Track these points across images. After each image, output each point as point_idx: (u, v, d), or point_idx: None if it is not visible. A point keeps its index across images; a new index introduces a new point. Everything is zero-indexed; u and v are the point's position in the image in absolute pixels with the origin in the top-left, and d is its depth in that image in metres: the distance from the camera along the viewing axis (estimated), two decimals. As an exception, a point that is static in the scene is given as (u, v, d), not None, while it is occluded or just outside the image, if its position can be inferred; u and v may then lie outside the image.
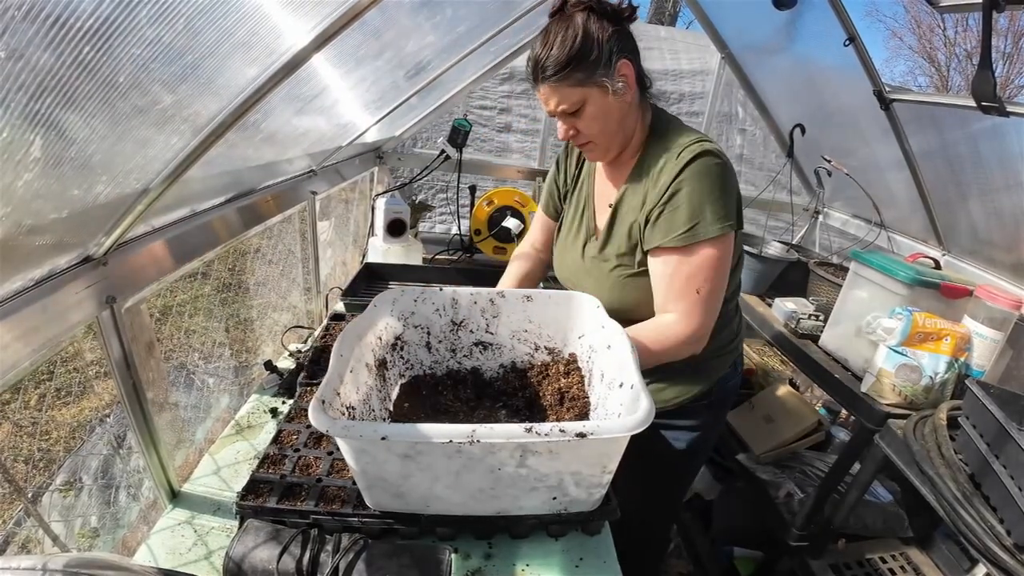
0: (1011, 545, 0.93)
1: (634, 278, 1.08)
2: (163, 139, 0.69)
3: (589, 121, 1.01)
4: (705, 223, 0.97)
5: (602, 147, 1.06)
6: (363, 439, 0.70)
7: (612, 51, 0.95)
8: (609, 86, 0.97)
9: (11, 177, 0.50)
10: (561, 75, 0.95)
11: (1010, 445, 0.97)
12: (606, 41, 0.95)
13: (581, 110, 0.99)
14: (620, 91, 0.98)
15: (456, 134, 2.16)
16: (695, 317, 1.01)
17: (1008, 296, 1.29)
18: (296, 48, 0.67)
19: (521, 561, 0.85)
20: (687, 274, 0.99)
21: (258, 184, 1.34)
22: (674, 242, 0.98)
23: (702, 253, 0.98)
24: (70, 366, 2.24)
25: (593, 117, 1.00)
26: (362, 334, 0.95)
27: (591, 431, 0.68)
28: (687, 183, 0.97)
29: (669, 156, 1.01)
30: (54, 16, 0.39)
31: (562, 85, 0.97)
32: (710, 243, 0.98)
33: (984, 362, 1.32)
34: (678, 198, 0.98)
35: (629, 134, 1.06)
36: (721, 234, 0.97)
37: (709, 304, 1.01)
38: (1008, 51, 10.97)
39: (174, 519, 0.90)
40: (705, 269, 0.99)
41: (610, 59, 0.95)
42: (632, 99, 1.01)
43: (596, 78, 0.96)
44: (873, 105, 1.76)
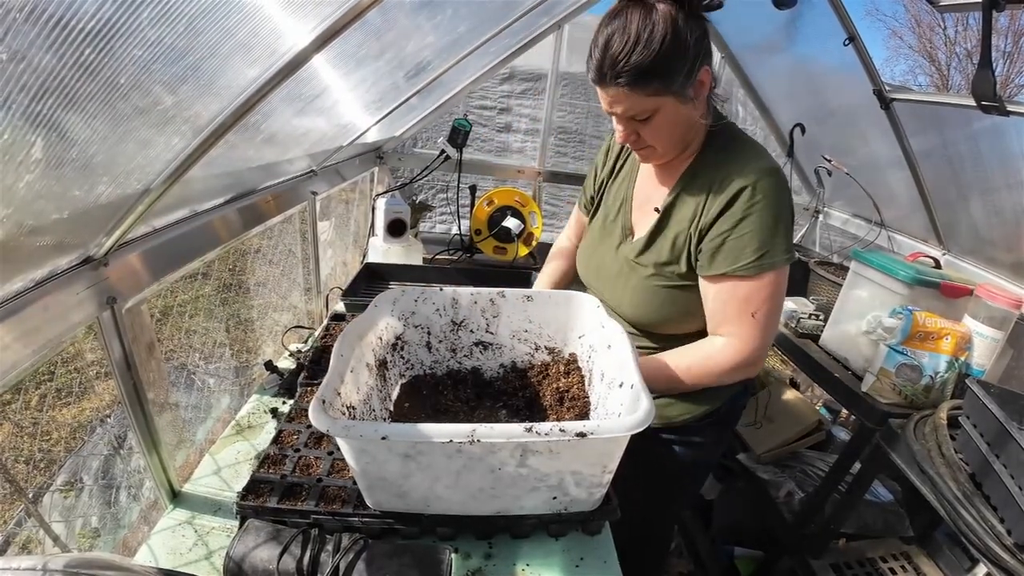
0: (1012, 545, 0.93)
1: (670, 290, 1.02)
2: (164, 140, 0.69)
3: (655, 129, 0.92)
4: (772, 254, 0.92)
5: (661, 153, 0.98)
6: (363, 439, 0.70)
7: (697, 57, 0.84)
8: (685, 96, 0.87)
9: (13, 178, 0.50)
10: (639, 83, 0.84)
11: (1011, 445, 0.97)
12: (693, 45, 0.83)
13: (651, 118, 0.90)
14: (693, 101, 0.89)
15: (456, 134, 2.16)
16: (749, 340, 0.96)
17: (1008, 295, 1.29)
18: (297, 49, 0.67)
19: (521, 561, 0.85)
20: (744, 297, 0.94)
21: (259, 184, 1.34)
22: (740, 271, 0.92)
23: (764, 280, 0.93)
24: (71, 366, 2.24)
25: (661, 126, 0.91)
26: (363, 334, 0.95)
27: (591, 431, 0.68)
28: (756, 209, 0.90)
29: (732, 171, 0.93)
30: (56, 18, 0.39)
31: (636, 92, 0.85)
32: (774, 272, 0.93)
33: (984, 361, 1.32)
34: (746, 224, 0.91)
35: (690, 141, 1.00)
36: (785, 264, 0.93)
37: (765, 328, 0.96)
38: (1008, 50, 10.97)
39: (175, 519, 0.90)
40: (764, 295, 0.94)
41: (694, 67, 0.85)
42: (704, 107, 0.94)
43: (676, 88, 0.85)
44: (873, 104, 1.76)
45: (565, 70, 2.40)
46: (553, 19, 2.07)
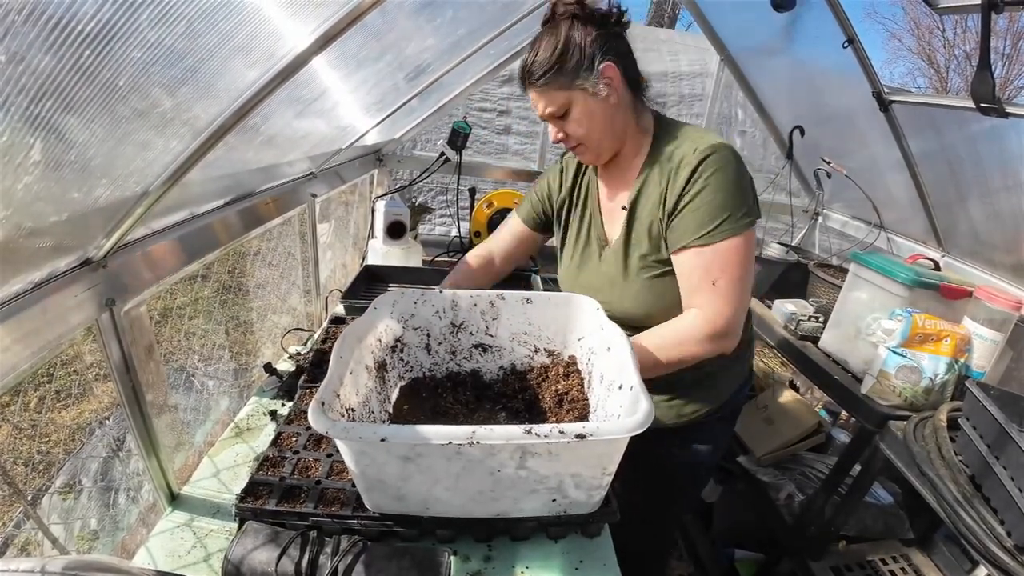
0: (1012, 547, 0.92)
1: (661, 279, 1.06)
2: (163, 142, 0.69)
3: (575, 124, 1.02)
4: (730, 220, 0.96)
5: (592, 149, 1.07)
6: (362, 441, 0.70)
7: (595, 55, 0.97)
8: (590, 89, 0.98)
9: (11, 180, 0.50)
10: (545, 79, 0.98)
11: (1010, 446, 0.97)
12: (588, 45, 0.97)
13: (567, 113, 1.02)
14: (603, 93, 0.99)
15: (456, 136, 2.16)
16: (714, 310, 0.98)
17: (1008, 297, 1.29)
18: (296, 51, 0.67)
19: (521, 563, 0.84)
20: (704, 266, 0.98)
21: (258, 187, 1.34)
22: (699, 241, 0.98)
23: (724, 246, 0.97)
24: (70, 368, 2.24)
25: (578, 120, 1.02)
26: (362, 336, 0.95)
27: (590, 432, 0.68)
28: (708, 180, 0.97)
29: (684, 152, 1.00)
30: (55, 19, 0.39)
31: (547, 89, 1.00)
32: (735, 237, 0.97)
33: (984, 363, 1.32)
34: (703, 195, 0.97)
35: (620, 135, 1.07)
36: (745, 229, 0.97)
37: (729, 296, 0.98)
38: (1007, 52, 10.99)
39: (173, 521, 0.90)
40: (724, 261, 0.97)
41: (592, 62, 0.97)
42: (618, 101, 1.02)
43: (578, 81, 0.98)
44: (872, 107, 1.77)
45: (564, 72, 2.40)
46: (553, 21, 2.06)
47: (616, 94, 1.01)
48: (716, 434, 1.23)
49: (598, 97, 0.99)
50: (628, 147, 1.09)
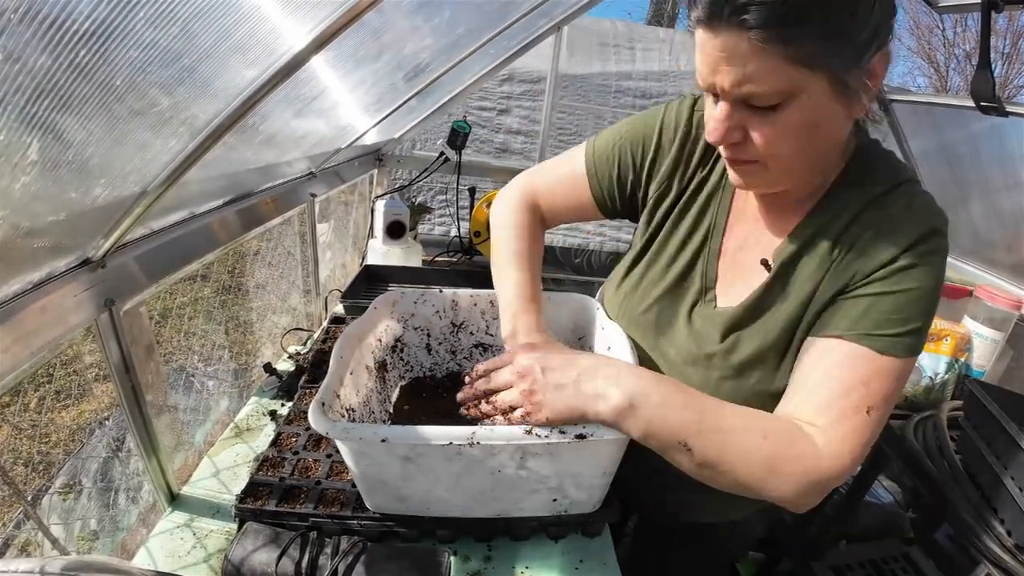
0: (1012, 546, 0.92)
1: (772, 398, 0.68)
2: (161, 142, 0.68)
3: (782, 130, 0.57)
4: (916, 336, 0.62)
5: (773, 176, 0.63)
6: (363, 441, 0.70)
7: (879, 29, 0.53)
8: (848, 85, 0.55)
9: (8, 180, 0.50)
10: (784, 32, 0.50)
11: (1011, 446, 0.97)
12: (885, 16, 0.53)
13: (779, 107, 0.56)
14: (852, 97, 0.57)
15: (455, 136, 2.16)
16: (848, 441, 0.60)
17: (1008, 296, 1.29)
18: (295, 50, 0.67)
19: (521, 563, 0.84)
20: (861, 379, 0.61)
21: (257, 186, 1.34)
22: (871, 343, 0.61)
23: (890, 368, 0.61)
24: (69, 369, 2.24)
25: (791, 126, 0.57)
26: (362, 336, 0.95)
27: (591, 432, 0.68)
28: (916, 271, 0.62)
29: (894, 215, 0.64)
30: (51, 18, 0.39)
31: (776, 47, 0.51)
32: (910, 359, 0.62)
33: (984, 362, 1.32)
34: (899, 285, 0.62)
35: (817, 170, 0.67)
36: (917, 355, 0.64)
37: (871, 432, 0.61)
38: (1007, 51, 10.99)
39: (173, 522, 0.90)
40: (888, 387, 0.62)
41: (871, 41, 0.53)
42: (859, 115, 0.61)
43: (836, 63, 0.53)
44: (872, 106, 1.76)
45: (564, 72, 2.41)
46: (552, 21, 2.07)
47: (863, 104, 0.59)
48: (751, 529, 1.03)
49: (845, 99, 0.57)
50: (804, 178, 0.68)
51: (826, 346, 0.64)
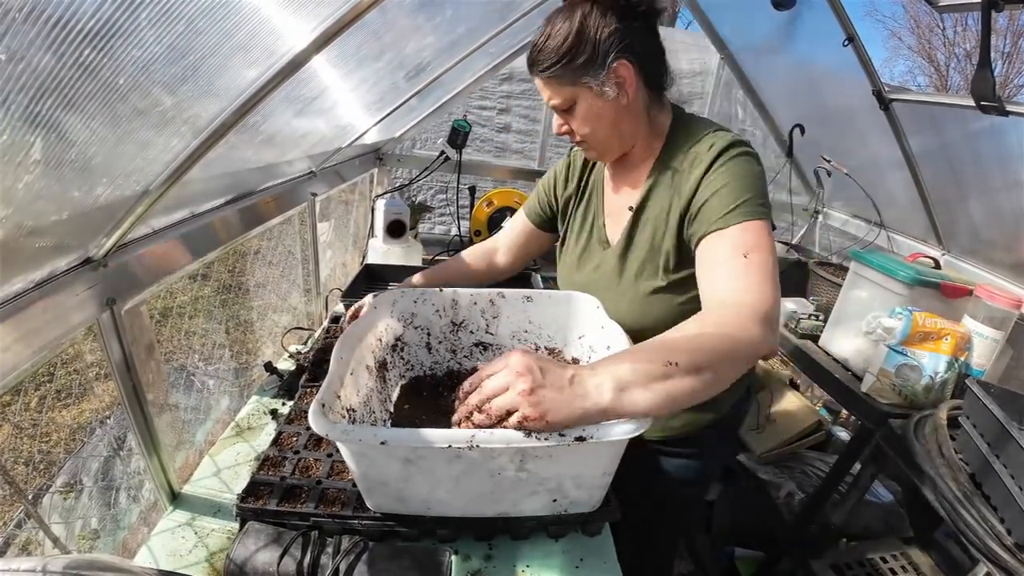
0: (1012, 545, 0.92)
1: (658, 295, 0.98)
2: (163, 141, 0.69)
3: (580, 122, 0.96)
4: (751, 202, 0.85)
5: (596, 148, 1.00)
6: (363, 443, 0.70)
7: (608, 51, 0.88)
8: (596, 88, 0.90)
9: (12, 179, 0.50)
10: (550, 71, 0.91)
11: (1011, 445, 0.97)
12: (603, 39, 0.87)
13: (573, 108, 0.94)
14: (611, 94, 0.90)
15: (455, 135, 2.16)
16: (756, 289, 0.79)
17: (1008, 295, 1.29)
18: (296, 50, 0.67)
19: (521, 562, 0.85)
20: (731, 245, 0.84)
21: (258, 186, 1.34)
22: (721, 223, 0.86)
23: (752, 225, 0.84)
24: (70, 368, 2.24)
25: (584, 117, 0.95)
26: (362, 336, 0.95)
27: (590, 434, 0.68)
28: (727, 171, 0.88)
29: (699, 150, 0.92)
30: (55, 18, 0.39)
31: (551, 81, 0.92)
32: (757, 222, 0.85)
33: (984, 362, 1.32)
34: (720, 184, 0.88)
35: (629, 136, 0.99)
36: (765, 218, 0.86)
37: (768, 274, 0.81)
38: (1007, 50, 10.99)
39: (174, 521, 0.90)
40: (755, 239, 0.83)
41: (604, 60, 0.88)
42: (631, 102, 0.93)
43: (585, 79, 0.90)
44: (872, 105, 1.76)
45: (564, 71, 2.40)
46: (552, 20, 2.06)
47: (627, 95, 0.92)
48: (716, 446, 1.17)
49: (606, 97, 0.91)
50: (639, 147, 1.01)
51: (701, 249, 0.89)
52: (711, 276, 0.86)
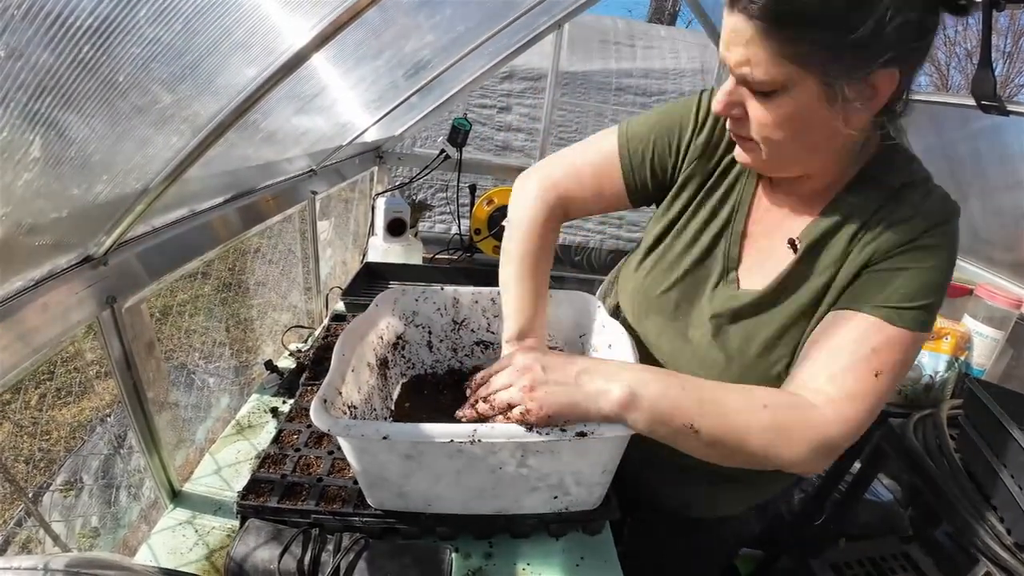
0: (1012, 544, 0.93)
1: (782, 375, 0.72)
2: (163, 139, 0.68)
3: (774, 118, 0.62)
4: (928, 311, 0.65)
5: (767, 160, 0.68)
6: (364, 439, 0.70)
7: (887, 49, 0.55)
8: (838, 91, 0.58)
9: (11, 177, 0.50)
10: (780, 25, 0.55)
11: (1011, 444, 0.97)
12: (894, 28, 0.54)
13: (774, 95, 0.60)
14: (847, 108, 0.59)
15: (456, 133, 2.16)
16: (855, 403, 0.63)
17: (1008, 295, 1.29)
18: (296, 47, 0.67)
19: (522, 560, 0.85)
20: (873, 348, 0.64)
21: (258, 184, 1.34)
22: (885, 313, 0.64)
23: (901, 339, 0.64)
24: (70, 366, 2.24)
25: (781, 114, 0.61)
26: (364, 333, 0.95)
27: (591, 430, 0.68)
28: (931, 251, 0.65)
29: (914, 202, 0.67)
30: (54, 15, 0.39)
31: (772, 39, 0.56)
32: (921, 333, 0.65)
33: (984, 361, 1.32)
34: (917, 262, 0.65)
35: (817, 167, 0.70)
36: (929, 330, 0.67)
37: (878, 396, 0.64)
38: (1008, 50, 10.96)
39: (175, 519, 0.90)
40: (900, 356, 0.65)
41: (870, 55, 0.56)
42: (857, 126, 0.63)
43: (829, 67, 0.57)
44: (873, 104, 1.76)
45: (565, 69, 2.40)
46: (553, 18, 2.06)
47: (864, 117, 0.62)
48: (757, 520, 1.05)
49: (837, 108, 0.59)
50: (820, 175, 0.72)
51: (841, 317, 0.67)
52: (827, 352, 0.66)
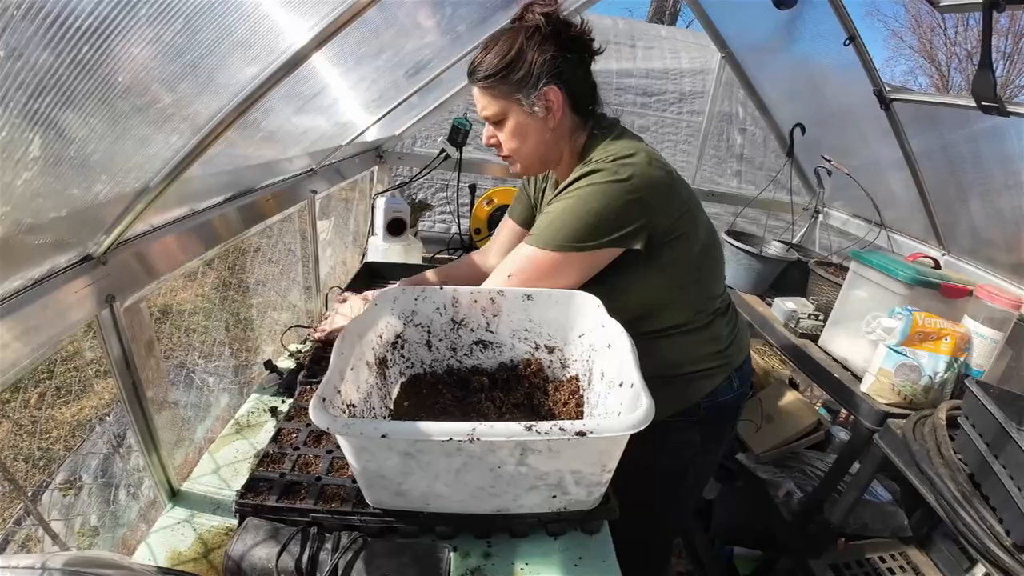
0: (1010, 545, 0.93)
1: None
2: (162, 138, 0.69)
3: (508, 135, 1.05)
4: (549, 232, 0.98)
5: (521, 164, 1.09)
6: (363, 437, 0.70)
7: (541, 76, 0.98)
8: (526, 107, 1.00)
9: (10, 176, 0.50)
10: (487, 82, 1.00)
11: (1010, 445, 0.97)
12: (538, 65, 0.97)
13: (503, 122, 1.04)
14: (539, 114, 1.00)
15: (456, 133, 2.16)
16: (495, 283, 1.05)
17: (1008, 296, 1.29)
18: (296, 47, 0.67)
19: (520, 560, 0.85)
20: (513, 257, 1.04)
21: (258, 183, 1.34)
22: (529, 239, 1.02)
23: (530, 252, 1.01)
24: (70, 365, 2.24)
25: (511, 133, 1.04)
26: (363, 332, 0.95)
27: (591, 429, 0.68)
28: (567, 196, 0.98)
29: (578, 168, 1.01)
30: (53, 15, 0.39)
31: (486, 92, 1.02)
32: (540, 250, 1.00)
33: (984, 362, 1.32)
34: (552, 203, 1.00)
35: (551, 158, 1.09)
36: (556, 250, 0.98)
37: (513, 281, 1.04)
38: (1008, 51, 10.96)
39: (174, 518, 0.90)
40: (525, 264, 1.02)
41: (537, 82, 0.98)
42: (557, 125, 1.03)
43: (517, 96, 1.00)
44: (873, 105, 1.76)
45: (565, 69, 2.40)
46: (553, 18, 2.06)
47: (554, 118, 1.02)
48: (697, 437, 1.19)
49: (534, 116, 1.01)
50: (563, 166, 1.11)
51: None
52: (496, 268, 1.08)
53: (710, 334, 1.14)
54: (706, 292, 1.12)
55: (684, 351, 1.12)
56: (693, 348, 1.12)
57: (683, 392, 1.14)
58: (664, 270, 1.04)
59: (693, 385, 1.15)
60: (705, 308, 1.13)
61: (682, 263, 1.06)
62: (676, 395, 1.14)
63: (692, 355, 1.12)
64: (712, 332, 1.14)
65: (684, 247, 1.04)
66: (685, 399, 1.15)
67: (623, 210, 0.96)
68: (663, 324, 1.10)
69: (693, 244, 1.05)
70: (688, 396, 1.15)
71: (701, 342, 1.12)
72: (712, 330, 1.14)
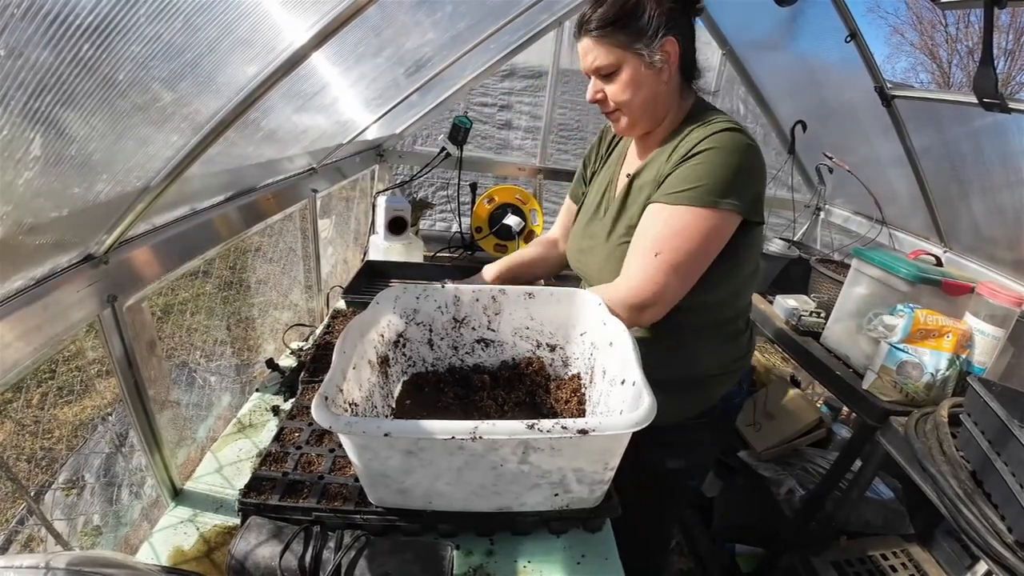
0: (1012, 542, 0.92)
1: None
2: (163, 137, 0.68)
3: (620, 88, 0.99)
4: (705, 190, 0.91)
5: (628, 119, 1.03)
6: (366, 435, 0.70)
7: (661, 25, 0.94)
8: (647, 57, 0.95)
9: (11, 176, 0.50)
10: (603, 31, 0.95)
11: (1012, 442, 0.97)
12: (658, 14, 0.94)
13: (615, 75, 0.98)
14: (657, 66, 0.96)
15: (457, 131, 2.15)
16: (641, 279, 0.94)
17: (1010, 293, 1.29)
18: (296, 45, 0.67)
19: (523, 558, 0.85)
20: (655, 234, 0.95)
21: (259, 182, 1.34)
22: (665, 199, 0.94)
23: (684, 219, 0.92)
24: (72, 365, 2.24)
25: (624, 85, 0.98)
26: (365, 331, 0.95)
27: (593, 428, 0.68)
28: (707, 150, 0.93)
29: (698, 133, 0.97)
30: (53, 14, 0.39)
31: (602, 42, 0.96)
32: (699, 212, 0.91)
33: (985, 359, 1.32)
34: (690, 163, 0.94)
35: (660, 115, 1.04)
36: (716, 207, 0.91)
37: (667, 273, 0.93)
38: (1010, 47, 10.92)
39: (176, 517, 0.90)
40: (679, 236, 0.92)
41: (656, 32, 0.94)
42: (669, 80, 0.99)
43: (636, 46, 0.95)
44: (874, 101, 1.76)
45: (566, 67, 2.39)
46: (554, 16, 2.06)
47: (669, 71, 0.98)
48: (706, 437, 1.20)
49: (652, 68, 0.97)
50: (663, 126, 1.06)
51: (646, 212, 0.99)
52: (632, 248, 0.99)
53: (739, 341, 1.15)
54: (750, 290, 1.14)
55: (714, 357, 1.11)
56: (724, 353, 1.13)
57: (706, 394, 1.14)
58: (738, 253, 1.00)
59: (715, 388, 1.15)
60: (744, 314, 1.15)
61: (755, 248, 1.06)
62: (700, 398, 1.14)
63: (720, 360, 1.12)
64: (741, 339, 1.15)
65: (759, 233, 1.04)
66: (705, 401, 1.15)
67: (759, 173, 0.96)
68: (716, 318, 1.08)
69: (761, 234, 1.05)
70: (709, 398, 1.15)
71: (730, 348, 1.13)
72: (742, 338, 1.15)
